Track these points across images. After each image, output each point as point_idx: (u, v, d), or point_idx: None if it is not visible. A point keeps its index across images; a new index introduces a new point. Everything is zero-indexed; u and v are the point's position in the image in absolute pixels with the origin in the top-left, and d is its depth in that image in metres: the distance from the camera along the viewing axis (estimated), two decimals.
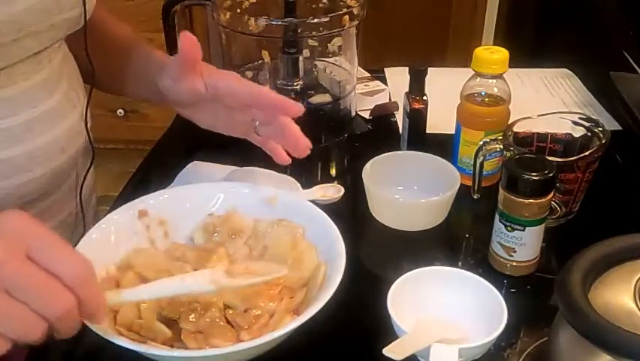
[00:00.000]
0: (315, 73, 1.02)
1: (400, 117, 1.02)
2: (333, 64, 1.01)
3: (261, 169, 0.81)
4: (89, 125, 0.81)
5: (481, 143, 0.81)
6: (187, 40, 0.68)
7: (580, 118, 0.82)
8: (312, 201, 0.73)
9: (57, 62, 0.76)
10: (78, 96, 0.80)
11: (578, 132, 0.81)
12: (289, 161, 0.73)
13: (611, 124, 1.05)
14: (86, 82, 0.83)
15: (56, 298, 0.47)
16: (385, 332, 0.63)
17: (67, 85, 0.77)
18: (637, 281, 0.54)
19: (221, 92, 0.71)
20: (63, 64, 0.77)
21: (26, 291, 0.46)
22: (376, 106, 1.08)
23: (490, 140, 0.81)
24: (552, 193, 0.71)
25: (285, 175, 0.82)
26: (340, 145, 1.00)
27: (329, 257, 0.65)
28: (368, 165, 0.84)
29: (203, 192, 0.75)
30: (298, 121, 0.71)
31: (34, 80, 0.71)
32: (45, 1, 0.69)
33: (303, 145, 0.71)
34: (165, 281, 0.58)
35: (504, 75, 0.85)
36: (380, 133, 1.04)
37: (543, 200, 0.70)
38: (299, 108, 0.70)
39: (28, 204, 0.74)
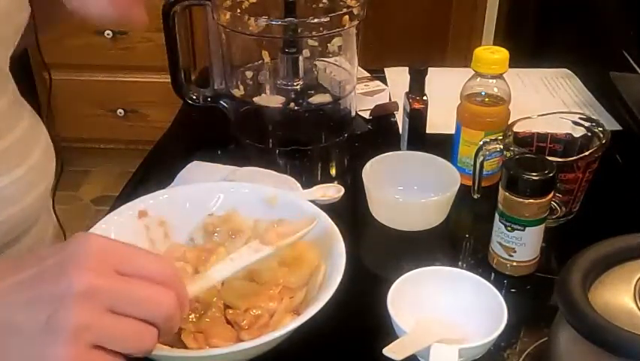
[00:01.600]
0: (315, 73, 1.02)
1: (399, 117, 1.02)
2: (333, 64, 1.01)
3: (261, 169, 0.81)
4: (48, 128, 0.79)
5: (481, 143, 0.81)
6: None
7: (580, 118, 0.82)
8: (312, 201, 0.73)
9: (13, 86, 0.73)
10: (40, 121, 0.78)
11: (578, 132, 0.81)
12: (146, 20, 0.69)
13: (611, 124, 1.05)
14: None
15: (160, 300, 0.47)
16: (385, 332, 0.63)
17: (29, 110, 0.75)
18: (637, 281, 0.54)
19: None
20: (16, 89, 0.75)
21: (132, 303, 0.46)
22: (376, 106, 1.08)
23: (490, 140, 0.81)
24: (552, 193, 0.71)
25: (285, 175, 0.82)
26: (340, 145, 1.01)
27: (329, 257, 0.65)
28: (368, 165, 0.84)
29: (203, 192, 0.75)
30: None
31: (2, 103, 0.69)
32: (8, 4, 0.67)
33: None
34: (221, 266, 0.59)
35: (504, 75, 0.85)
36: (380, 133, 1.04)
37: (543, 200, 0.70)
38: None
39: (17, 238, 0.73)
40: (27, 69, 1.99)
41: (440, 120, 0.94)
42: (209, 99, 1.01)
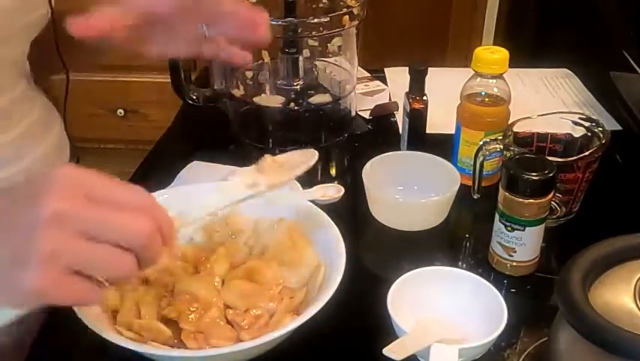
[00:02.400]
0: (315, 73, 1.02)
1: (400, 117, 1.02)
2: (333, 64, 1.01)
3: None
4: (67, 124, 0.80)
5: (481, 143, 0.81)
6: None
7: (580, 118, 0.82)
8: (312, 201, 0.73)
9: (29, 73, 0.74)
10: (54, 108, 0.79)
11: (578, 132, 0.81)
12: (250, 57, 0.69)
13: (611, 124, 1.05)
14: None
15: (135, 226, 0.47)
16: (385, 332, 0.63)
17: (42, 97, 0.77)
18: (637, 281, 0.54)
19: (144, 7, 0.65)
20: (30, 78, 0.76)
21: (103, 228, 0.46)
22: (376, 106, 1.08)
23: (490, 140, 0.81)
24: (552, 193, 0.71)
25: None
26: (340, 145, 1.00)
27: (329, 257, 0.65)
28: (368, 165, 0.84)
29: (203, 192, 0.74)
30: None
31: (16, 91, 0.70)
32: (14, 2, 0.67)
33: (261, 20, 0.67)
34: (210, 198, 0.59)
35: (504, 75, 0.85)
36: (380, 133, 1.04)
37: (543, 200, 0.70)
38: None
39: None
40: None
41: (440, 120, 0.94)
42: (209, 99, 1.01)
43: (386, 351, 0.59)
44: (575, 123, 0.82)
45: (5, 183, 0.68)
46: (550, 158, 0.73)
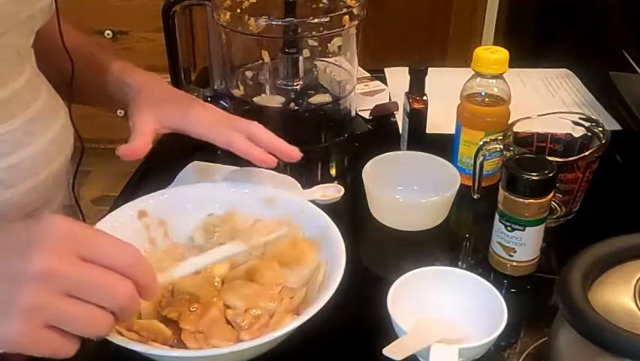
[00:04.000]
0: (315, 73, 1.02)
1: (400, 117, 1.02)
2: (333, 64, 1.01)
3: (261, 169, 0.81)
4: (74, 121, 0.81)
5: (481, 143, 0.81)
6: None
7: (580, 118, 0.82)
8: (312, 201, 0.73)
9: (34, 63, 0.76)
10: (58, 97, 0.80)
11: (578, 132, 0.81)
12: (275, 161, 0.73)
13: (611, 124, 1.05)
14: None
15: (118, 290, 0.49)
16: (385, 332, 0.63)
17: (47, 86, 0.77)
18: (637, 281, 0.54)
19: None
20: (36, 67, 0.77)
21: (88, 290, 0.48)
22: (376, 106, 1.08)
23: (490, 140, 0.81)
24: (552, 193, 0.71)
25: (285, 175, 0.82)
26: (340, 145, 1.00)
27: (329, 257, 0.65)
28: (368, 165, 0.84)
29: (203, 192, 0.75)
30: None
31: (20, 81, 0.71)
32: None
33: (295, 155, 0.74)
34: (202, 257, 0.62)
35: (504, 75, 0.85)
36: (380, 133, 1.04)
37: (543, 200, 0.70)
38: (273, 161, 0.72)
39: (34, 210, 0.74)
40: None
41: (440, 120, 0.94)
42: (209, 99, 1.01)
43: (386, 351, 0.59)
44: (575, 123, 0.82)
45: (13, 172, 0.70)
46: (550, 158, 0.73)
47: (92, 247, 0.49)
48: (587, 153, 0.77)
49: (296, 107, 0.96)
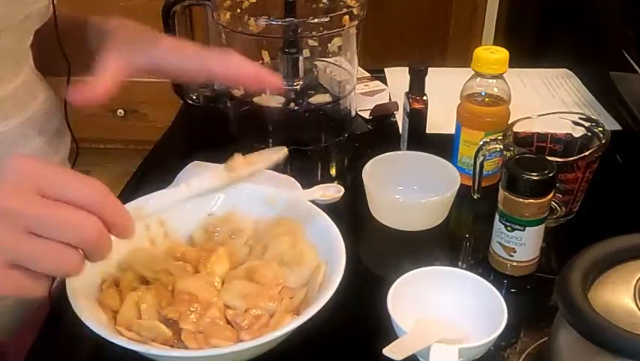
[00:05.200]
0: (315, 73, 1.02)
1: (400, 117, 1.02)
2: (333, 64, 1.01)
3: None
4: (70, 123, 0.80)
5: (481, 143, 0.81)
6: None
7: (580, 118, 0.82)
8: (312, 201, 0.73)
9: (31, 65, 0.75)
10: (56, 98, 0.80)
11: (578, 132, 0.81)
12: (260, 81, 0.70)
13: (611, 124, 1.05)
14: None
15: (83, 225, 0.47)
16: (385, 332, 0.63)
17: (45, 87, 0.77)
18: (637, 281, 0.54)
19: (167, 75, 0.70)
20: (34, 67, 0.77)
21: (51, 227, 0.46)
22: (376, 106, 1.08)
23: (490, 140, 0.81)
24: (552, 193, 0.71)
25: (285, 175, 0.82)
26: (340, 145, 1.00)
27: (329, 257, 0.65)
28: (368, 165, 0.84)
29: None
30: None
31: (16, 83, 0.71)
32: None
33: (275, 81, 0.69)
34: (175, 189, 0.60)
35: (504, 75, 0.85)
36: (380, 133, 1.04)
37: (543, 200, 0.70)
38: (279, 80, 0.69)
39: None
40: None
41: (440, 120, 0.94)
42: (209, 99, 1.01)
43: (386, 351, 0.59)
44: (575, 123, 0.82)
45: None
46: (550, 158, 0.73)
47: (53, 183, 0.47)
48: (587, 153, 0.77)
49: (296, 107, 0.96)
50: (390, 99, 1.11)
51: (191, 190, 0.59)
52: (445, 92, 0.89)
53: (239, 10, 0.92)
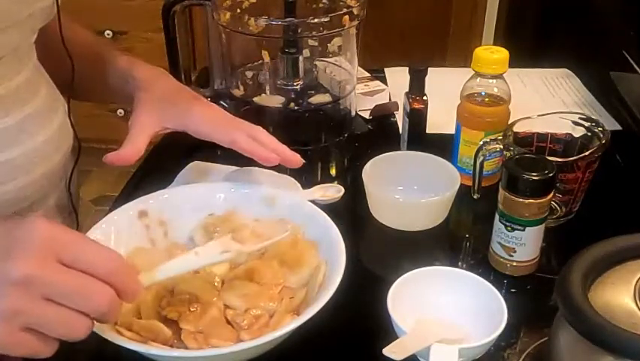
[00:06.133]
0: (315, 73, 1.02)
1: (400, 117, 1.02)
2: (333, 64, 1.01)
3: (261, 169, 0.81)
4: (73, 120, 0.81)
5: (481, 143, 0.81)
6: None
7: (580, 118, 0.82)
8: (312, 201, 0.73)
9: (35, 61, 0.76)
10: (59, 95, 0.80)
11: (578, 132, 0.81)
12: (278, 159, 0.73)
13: (611, 124, 1.05)
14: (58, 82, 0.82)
15: (96, 295, 0.50)
16: (385, 332, 0.63)
17: (48, 83, 0.77)
18: (637, 281, 0.54)
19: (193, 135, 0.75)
20: (38, 63, 0.77)
21: (66, 295, 0.49)
22: (376, 106, 1.08)
23: (490, 140, 0.81)
24: (552, 193, 0.71)
25: (285, 175, 0.82)
26: (340, 145, 1.00)
27: (329, 257, 0.65)
28: (368, 165, 0.84)
29: (203, 192, 0.75)
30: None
31: (18, 79, 0.71)
32: None
33: (296, 161, 0.74)
34: (184, 257, 0.60)
35: (504, 75, 0.85)
36: (380, 133, 1.04)
37: (543, 200, 0.70)
38: (276, 159, 0.72)
39: (28, 207, 0.74)
40: None
41: (440, 120, 0.94)
42: (209, 99, 1.01)
43: (386, 351, 0.59)
44: (575, 123, 0.82)
45: (4, 168, 0.70)
46: (550, 158, 0.73)
47: (72, 252, 0.50)
48: (587, 153, 0.77)
49: (296, 107, 0.96)
50: (390, 99, 1.11)
51: (198, 260, 0.60)
52: (445, 92, 0.89)
53: (239, 10, 0.92)
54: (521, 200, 0.70)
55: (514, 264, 0.74)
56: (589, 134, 0.80)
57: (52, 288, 0.48)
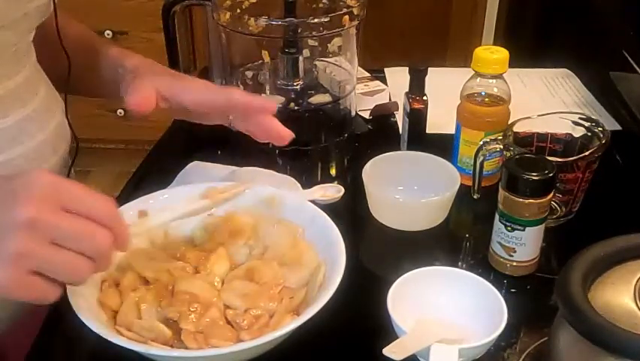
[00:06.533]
0: (315, 73, 1.02)
1: (400, 117, 1.02)
2: (333, 64, 1.01)
3: (261, 169, 0.81)
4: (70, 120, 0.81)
5: (481, 143, 0.81)
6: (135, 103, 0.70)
7: (580, 118, 0.82)
8: (312, 201, 0.73)
9: (34, 61, 0.76)
10: (57, 95, 0.80)
11: (578, 132, 0.81)
12: (274, 107, 0.74)
13: (611, 124, 1.05)
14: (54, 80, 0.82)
15: (98, 238, 0.53)
16: (385, 332, 0.63)
17: (47, 84, 0.77)
18: (637, 281, 0.54)
19: (188, 105, 0.73)
20: (37, 63, 0.77)
21: (70, 238, 0.51)
22: (376, 106, 1.08)
23: (490, 140, 0.81)
24: (552, 193, 0.71)
25: (285, 175, 0.82)
26: (340, 145, 1.00)
27: (329, 257, 0.65)
28: (368, 165, 0.84)
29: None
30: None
31: (17, 80, 0.71)
32: None
33: (286, 135, 0.73)
34: (171, 207, 0.66)
35: (504, 75, 0.85)
36: (380, 133, 1.04)
37: (543, 200, 0.70)
38: (273, 105, 0.73)
39: None
40: None
41: (440, 120, 0.94)
42: None
43: (386, 351, 0.59)
44: (575, 123, 0.82)
45: (3, 169, 0.70)
46: (550, 158, 0.73)
47: (73, 198, 0.52)
48: (587, 153, 0.77)
49: (296, 107, 0.96)
50: (390, 99, 1.11)
51: (173, 214, 0.67)
52: (445, 92, 0.89)
53: (239, 10, 0.92)
54: (521, 200, 0.70)
55: (514, 264, 0.74)
56: (589, 134, 0.80)
57: (57, 231, 0.50)
